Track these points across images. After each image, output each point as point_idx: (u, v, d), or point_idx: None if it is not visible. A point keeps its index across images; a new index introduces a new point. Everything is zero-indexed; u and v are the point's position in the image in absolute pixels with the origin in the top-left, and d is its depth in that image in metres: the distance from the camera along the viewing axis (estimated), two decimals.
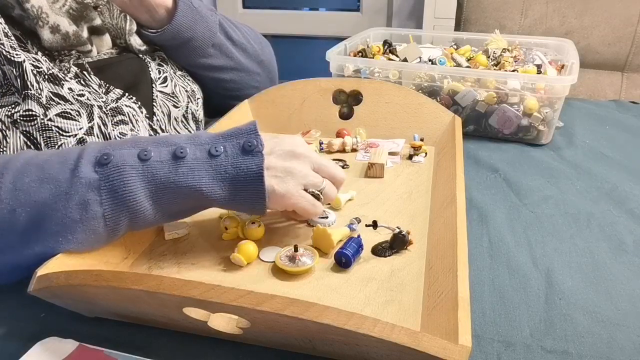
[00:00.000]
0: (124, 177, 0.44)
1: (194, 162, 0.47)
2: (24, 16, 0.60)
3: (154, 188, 0.46)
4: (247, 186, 0.47)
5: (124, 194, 0.44)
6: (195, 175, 0.46)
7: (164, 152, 0.47)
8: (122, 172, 0.44)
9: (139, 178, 0.45)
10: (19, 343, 0.42)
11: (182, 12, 0.76)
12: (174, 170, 0.46)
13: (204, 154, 0.47)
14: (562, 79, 0.80)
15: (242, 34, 0.90)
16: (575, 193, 0.68)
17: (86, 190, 0.44)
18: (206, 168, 0.47)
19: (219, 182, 0.47)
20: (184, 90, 0.82)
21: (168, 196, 0.46)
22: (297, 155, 0.51)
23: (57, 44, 0.63)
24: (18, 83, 0.57)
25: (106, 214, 0.45)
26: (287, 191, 0.49)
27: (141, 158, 0.45)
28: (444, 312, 0.40)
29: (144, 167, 0.45)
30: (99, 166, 0.44)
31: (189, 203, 0.48)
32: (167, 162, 0.46)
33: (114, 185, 0.44)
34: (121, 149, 0.46)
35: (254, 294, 0.35)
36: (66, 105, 0.60)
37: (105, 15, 0.71)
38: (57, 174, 0.44)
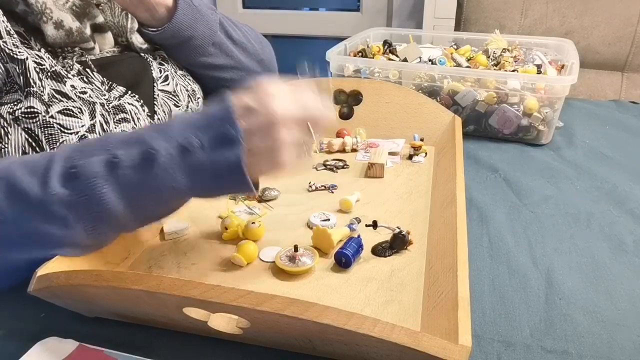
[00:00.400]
0: (95, 192, 0.42)
1: (167, 162, 0.43)
2: (28, 12, 0.61)
3: (129, 196, 0.43)
4: (229, 178, 0.44)
5: (99, 207, 0.42)
6: (170, 176, 0.43)
7: (135, 154, 0.43)
8: (94, 187, 0.42)
9: (111, 189, 0.43)
10: (19, 343, 0.42)
11: (182, 11, 0.76)
12: (147, 174, 0.43)
13: (177, 150, 0.43)
14: (562, 79, 0.80)
15: (242, 33, 0.90)
16: (575, 193, 0.68)
17: (59, 207, 0.42)
18: (182, 167, 0.43)
19: (198, 179, 0.44)
20: (185, 89, 0.82)
21: (147, 200, 0.44)
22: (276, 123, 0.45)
23: (60, 40, 0.63)
24: (21, 80, 0.57)
25: (86, 228, 0.43)
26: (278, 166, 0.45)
27: (110, 166, 0.43)
28: (444, 312, 0.40)
29: (114, 177, 0.43)
30: (69, 180, 0.42)
31: (171, 201, 0.46)
32: (139, 166, 0.43)
33: (88, 201, 0.42)
34: (89, 157, 0.43)
35: (254, 294, 0.35)
36: (68, 103, 0.60)
37: (107, 13, 0.72)
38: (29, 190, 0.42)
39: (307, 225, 0.58)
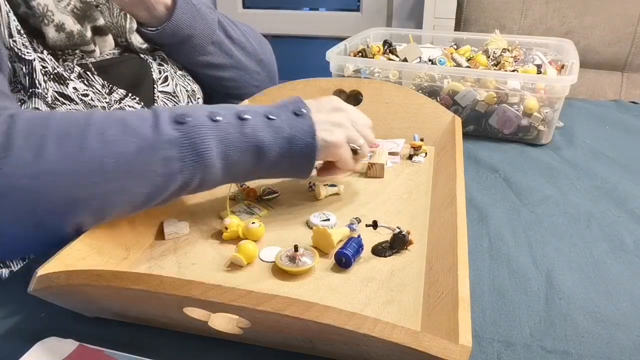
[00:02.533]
0: (202, 135, 0.48)
1: (255, 122, 0.51)
2: (30, 14, 0.61)
3: (225, 147, 0.49)
4: (302, 143, 0.53)
5: (202, 151, 0.48)
6: (259, 134, 0.51)
7: (229, 114, 0.51)
8: (200, 131, 0.48)
9: (214, 136, 0.49)
10: (19, 343, 0.42)
11: (181, 9, 0.76)
12: (241, 130, 0.50)
13: (263, 117, 0.52)
14: (562, 79, 0.80)
15: (242, 32, 0.90)
16: (575, 193, 0.68)
17: (169, 146, 0.46)
18: (267, 129, 0.52)
19: (279, 140, 0.52)
20: (185, 89, 0.82)
21: (236, 154, 0.50)
22: (339, 108, 0.59)
23: (61, 43, 0.63)
24: (26, 81, 0.57)
25: (184, 170, 0.48)
26: (337, 139, 0.56)
27: (212, 119, 0.49)
28: (444, 312, 0.40)
29: (217, 127, 0.49)
30: (179, 124, 0.48)
31: (250, 163, 0.52)
32: (234, 124, 0.50)
33: (193, 143, 0.47)
34: (193, 111, 0.49)
35: (254, 294, 0.35)
36: (71, 105, 0.60)
37: (105, 14, 0.72)
38: (140, 129, 0.46)
39: (307, 225, 0.58)
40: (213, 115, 0.50)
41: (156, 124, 0.47)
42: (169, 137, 0.47)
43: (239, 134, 0.50)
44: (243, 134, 0.50)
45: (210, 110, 0.50)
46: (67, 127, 0.45)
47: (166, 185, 0.48)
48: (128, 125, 0.46)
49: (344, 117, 0.58)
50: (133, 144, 0.46)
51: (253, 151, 0.51)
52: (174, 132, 0.47)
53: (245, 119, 0.51)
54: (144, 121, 0.47)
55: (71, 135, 0.45)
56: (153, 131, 0.47)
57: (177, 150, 0.47)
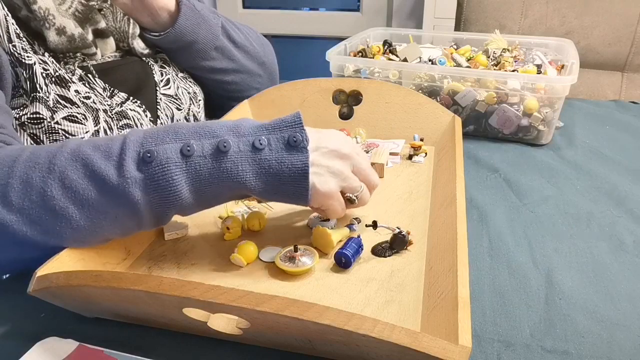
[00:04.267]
0: (168, 175, 0.45)
1: (237, 156, 0.46)
2: (31, 17, 0.60)
3: (197, 184, 0.46)
4: (291, 182, 0.47)
5: (170, 192, 0.45)
6: (239, 169, 0.46)
7: (207, 145, 0.46)
8: (166, 171, 0.45)
9: (183, 174, 0.45)
10: (19, 343, 0.42)
11: (185, 16, 0.76)
12: (217, 165, 0.46)
13: (248, 147, 0.47)
14: (562, 79, 0.80)
15: (245, 35, 0.90)
16: (575, 193, 0.68)
17: (133, 189, 0.44)
18: (250, 162, 0.46)
19: (263, 176, 0.47)
20: (186, 92, 0.82)
21: (211, 190, 0.47)
22: (342, 155, 0.51)
23: (62, 46, 0.63)
24: (27, 85, 0.57)
25: (153, 210, 0.46)
26: (329, 190, 0.49)
27: (184, 154, 0.45)
28: (444, 313, 0.40)
29: (187, 164, 0.45)
30: (144, 164, 0.45)
31: (231, 194, 0.49)
32: (210, 157, 0.46)
33: (159, 185, 0.45)
34: (163, 144, 0.46)
35: (253, 294, 0.35)
36: (73, 109, 0.60)
37: (108, 19, 0.71)
38: (103, 172, 0.44)
39: (307, 225, 0.58)
40: (186, 148, 0.45)
41: (120, 164, 0.44)
42: (133, 179, 0.44)
43: (216, 170, 0.46)
44: (220, 170, 0.46)
45: (186, 141, 0.46)
46: (30, 173, 0.44)
47: (137, 224, 0.46)
48: (90, 167, 0.44)
49: (344, 166, 0.51)
50: (95, 189, 0.44)
51: (232, 186, 0.47)
52: (138, 174, 0.44)
53: (224, 151, 0.46)
54: (109, 160, 0.45)
55: (34, 182, 0.44)
56: (117, 173, 0.44)
57: (142, 193, 0.44)
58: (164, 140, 0.46)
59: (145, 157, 0.45)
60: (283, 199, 0.50)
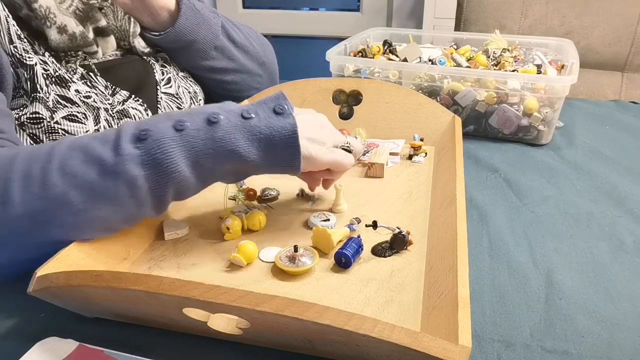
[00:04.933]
0: (164, 149, 0.45)
1: (228, 125, 0.48)
2: (32, 16, 0.60)
3: (193, 156, 0.47)
4: (283, 144, 0.49)
5: (167, 165, 0.45)
6: (232, 137, 0.47)
7: (198, 120, 0.47)
8: (162, 145, 0.45)
9: (179, 148, 0.46)
10: (19, 343, 0.42)
11: (185, 15, 0.76)
12: (211, 135, 0.47)
13: (237, 117, 0.48)
14: (562, 79, 0.80)
15: (245, 35, 0.90)
16: (575, 193, 0.68)
17: (131, 166, 0.45)
18: (241, 130, 0.48)
19: (255, 142, 0.48)
20: (187, 91, 0.82)
21: (208, 162, 0.47)
22: (324, 126, 0.55)
23: (64, 45, 0.63)
24: (28, 86, 0.57)
25: (152, 187, 0.46)
26: (318, 150, 0.52)
27: (177, 129, 0.46)
28: (444, 312, 0.40)
29: (181, 137, 0.46)
30: (139, 142, 0.45)
31: (227, 167, 0.49)
32: (203, 129, 0.47)
33: (156, 159, 0.45)
34: (157, 124, 0.47)
35: (253, 294, 0.35)
36: (73, 108, 0.60)
37: (109, 17, 0.72)
38: (101, 154, 0.45)
39: (307, 225, 0.58)
40: (179, 124, 0.47)
41: (117, 145, 0.45)
42: (130, 156, 0.45)
43: (209, 139, 0.47)
44: (214, 140, 0.47)
45: (178, 118, 0.47)
46: (30, 166, 0.45)
47: (137, 205, 0.47)
48: (89, 152, 0.45)
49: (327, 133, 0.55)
50: (94, 171, 0.45)
51: (228, 155, 0.48)
52: (135, 151, 0.45)
53: (215, 122, 0.47)
54: (105, 143, 0.46)
55: (33, 174, 0.44)
56: (113, 153, 0.45)
57: (141, 169, 0.45)
58: (157, 120, 0.48)
59: (140, 135, 0.46)
60: (279, 166, 0.51)
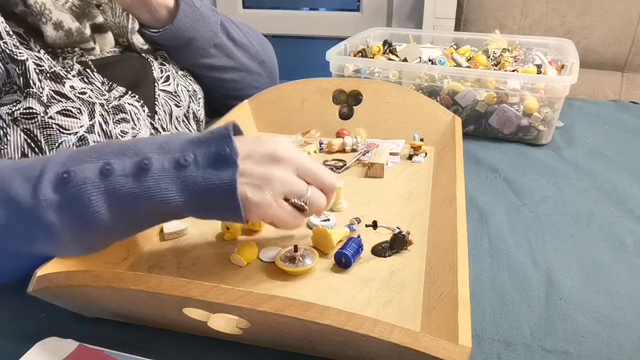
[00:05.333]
0: (85, 197, 0.42)
1: (160, 173, 0.43)
2: (27, 12, 0.61)
3: (117, 205, 0.42)
4: (219, 198, 0.43)
5: (87, 214, 0.42)
6: (162, 187, 0.43)
7: (128, 164, 0.43)
8: (84, 193, 0.42)
9: (101, 197, 0.42)
10: (19, 343, 0.42)
11: (184, 13, 0.76)
12: (139, 184, 0.42)
13: (171, 164, 0.43)
14: (562, 79, 0.80)
15: (244, 34, 0.90)
16: (575, 193, 0.68)
17: (48, 212, 0.42)
18: (173, 180, 0.43)
19: (188, 194, 0.43)
20: (186, 89, 0.82)
21: (134, 211, 0.43)
22: (277, 159, 0.46)
23: (60, 41, 0.63)
24: (20, 81, 0.57)
25: (73, 234, 0.43)
26: (262, 200, 0.44)
27: (103, 173, 0.42)
28: (444, 313, 0.40)
29: (106, 184, 0.42)
30: (61, 185, 0.42)
31: (158, 214, 0.45)
32: (131, 176, 0.43)
33: (74, 207, 0.42)
34: (83, 164, 0.43)
35: (253, 294, 0.35)
36: (67, 103, 0.60)
37: (107, 14, 0.72)
38: (17, 195, 0.42)
39: (307, 225, 0.58)
40: (105, 167, 0.42)
41: (36, 186, 0.42)
42: (48, 202, 0.41)
43: (136, 189, 0.42)
44: (142, 189, 0.42)
45: (106, 159, 0.43)
46: None
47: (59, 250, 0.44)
48: (6, 191, 0.42)
49: (281, 170, 0.46)
50: (9, 213, 0.42)
51: (155, 206, 0.43)
52: (54, 196, 0.42)
53: (144, 169, 0.42)
54: (26, 182, 0.43)
55: None
56: (32, 196, 0.42)
57: (57, 216, 0.42)
58: (84, 160, 0.43)
59: (62, 177, 0.42)
60: (216, 216, 0.46)
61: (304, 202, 0.47)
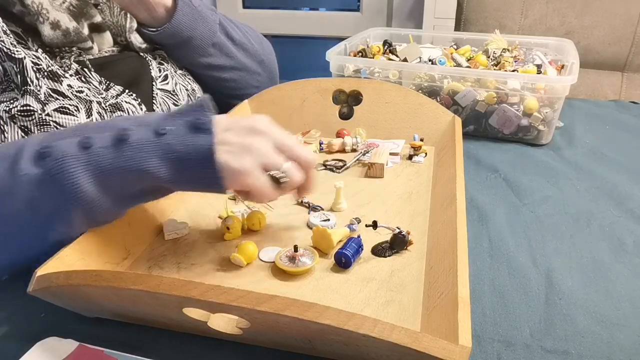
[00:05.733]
0: (65, 168, 0.42)
1: (138, 143, 0.44)
2: (25, 12, 0.61)
3: (99, 176, 0.43)
4: (198, 164, 0.44)
5: (69, 186, 0.42)
6: (141, 156, 0.43)
7: (107, 137, 0.44)
8: (64, 164, 0.42)
9: (82, 167, 0.42)
10: (19, 343, 0.42)
11: (182, 11, 0.76)
12: (118, 154, 0.43)
13: (149, 134, 0.44)
14: (562, 79, 0.80)
15: (243, 33, 0.90)
16: (575, 193, 0.68)
17: (29, 187, 0.42)
18: (152, 148, 0.44)
19: (167, 161, 0.44)
20: (185, 88, 0.82)
21: (116, 182, 0.44)
22: (257, 131, 0.47)
23: (57, 40, 0.63)
24: (18, 79, 0.57)
25: (55, 209, 0.43)
26: (242, 167, 0.45)
27: (82, 146, 0.43)
28: (444, 312, 0.40)
29: (86, 156, 0.43)
30: (40, 160, 0.42)
31: (140, 186, 0.46)
32: (110, 147, 0.43)
33: (55, 179, 0.42)
34: (62, 139, 0.43)
35: (253, 294, 0.35)
36: (65, 101, 0.60)
37: (105, 13, 0.72)
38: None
39: (307, 225, 0.58)
40: (85, 141, 0.43)
41: (15, 163, 0.42)
42: (28, 176, 0.41)
43: (117, 159, 0.43)
44: (121, 159, 0.43)
45: (85, 134, 0.44)
46: None
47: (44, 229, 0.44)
48: None
49: (260, 141, 0.47)
50: None
51: (136, 175, 0.44)
52: (34, 169, 0.42)
53: (123, 139, 0.43)
54: (3, 161, 0.43)
55: None
56: (10, 172, 0.42)
57: (39, 190, 0.42)
58: (63, 136, 0.44)
59: (41, 153, 0.42)
60: (196, 186, 0.47)
61: (282, 174, 0.48)
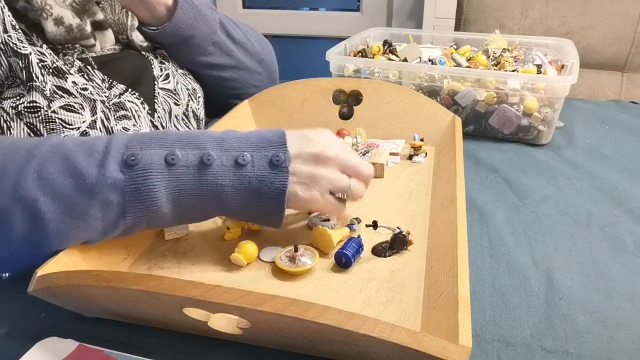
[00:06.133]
0: (149, 181, 0.44)
1: (220, 169, 0.46)
2: (28, 8, 0.61)
3: (177, 193, 0.46)
4: (269, 200, 0.48)
5: (147, 198, 0.44)
6: (220, 182, 0.46)
7: (192, 156, 0.46)
8: (149, 177, 0.44)
9: (164, 183, 0.45)
10: (19, 343, 0.42)
11: (182, 10, 0.76)
12: (199, 177, 0.46)
13: (231, 162, 0.47)
14: (562, 79, 0.80)
15: (243, 32, 0.90)
16: (575, 193, 0.68)
17: (111, 190, 0.43)
18: (231, 177, 0.47)
19: (242, 192, 0.47)
20: (185, 88, 0.82)
21: (189, 202, 0.46)
22: (324, 159, 0.50)
23: (60, 37, 0.63)
24: (23, 75, 0.57)
25: (126, 216, 0.45)
26: (311, 197, 0.50)
27: (168, 162, 0.45)
28: (444, 312, 0.40)
29: (169, 172, 0.45)
30: (126, 167, 0.44)
31: (205, 209, 0.48)
32: (194, 168, 0.46)
33: (138, 190, 0.44)
34: (149, 149, 0.45)
35: (254, 294, 0.35)
36: (70, 99, 0.60)
37: (107, 11, 0.72)
38: (83, 169, 0.43)
39: (307, 225, 0.58)
40: (170, 156, 0.45)
41: (102, 163, 0.44)
42: (112, 180, 0.43)
43: (197, 180, 0.46)
44: (201, 182, 0.46)
45: (171, 149, 0.46)
46: (7, 162, 0.43)
47: (105, 230, 0.45)
48: (71, 162, 0.44)
49: (328, 170, 0.51)
50: (71, 184, 0.43)
51: (211, 199, 0.47)
52: (119, 175, 0.44)
53: (208, 164, 0.46)
54: (91, 158, 0.44)
55: (8, 171, 0.43)
56: (97, 171, 0.43)
57: (119, 195, 0.44)
58: (149, 145, 0.46)
59: (129, 159, 0.44)
60: (255, 218, 0.51)
61: (347, 195, 0.53)
